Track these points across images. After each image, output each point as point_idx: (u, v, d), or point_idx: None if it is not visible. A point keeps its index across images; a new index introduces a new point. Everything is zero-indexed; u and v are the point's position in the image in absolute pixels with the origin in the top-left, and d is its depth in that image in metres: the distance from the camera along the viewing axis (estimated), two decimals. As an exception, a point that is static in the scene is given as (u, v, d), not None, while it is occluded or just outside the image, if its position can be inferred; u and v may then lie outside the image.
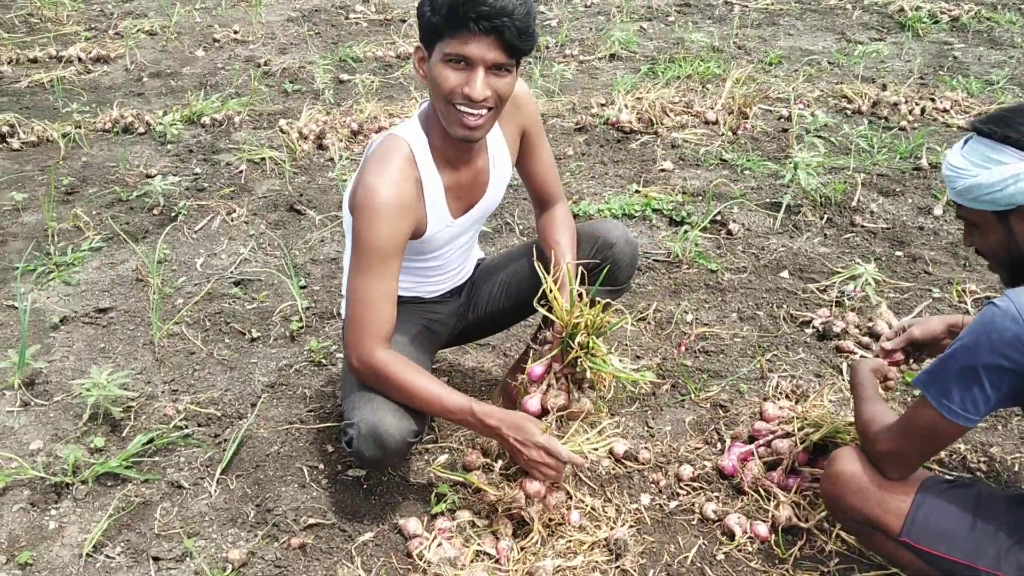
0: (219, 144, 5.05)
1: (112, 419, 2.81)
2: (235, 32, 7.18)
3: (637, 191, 4.41)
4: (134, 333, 3.31)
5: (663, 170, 4.69)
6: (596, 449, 2.28)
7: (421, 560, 2.27)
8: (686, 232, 3.93)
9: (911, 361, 2.48)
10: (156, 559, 2.32)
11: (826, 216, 4.19)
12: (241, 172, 4.63)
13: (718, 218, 4.12)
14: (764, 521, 2.43)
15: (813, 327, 3.34)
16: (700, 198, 4.35)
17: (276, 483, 2.57)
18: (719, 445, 2.75)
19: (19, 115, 5.29)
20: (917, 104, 5.56)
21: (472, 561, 2.27)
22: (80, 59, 6.49)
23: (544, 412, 2.30)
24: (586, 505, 2.47)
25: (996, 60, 6.63)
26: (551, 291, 2.24)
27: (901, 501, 2.00)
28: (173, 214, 4.19)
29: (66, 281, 3.63)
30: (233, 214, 4.20)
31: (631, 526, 2.43)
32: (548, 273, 2.30)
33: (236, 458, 2.67)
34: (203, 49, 6.84)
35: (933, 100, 5.64)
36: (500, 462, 2.57)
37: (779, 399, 2.90)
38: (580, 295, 2.28)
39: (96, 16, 7.72)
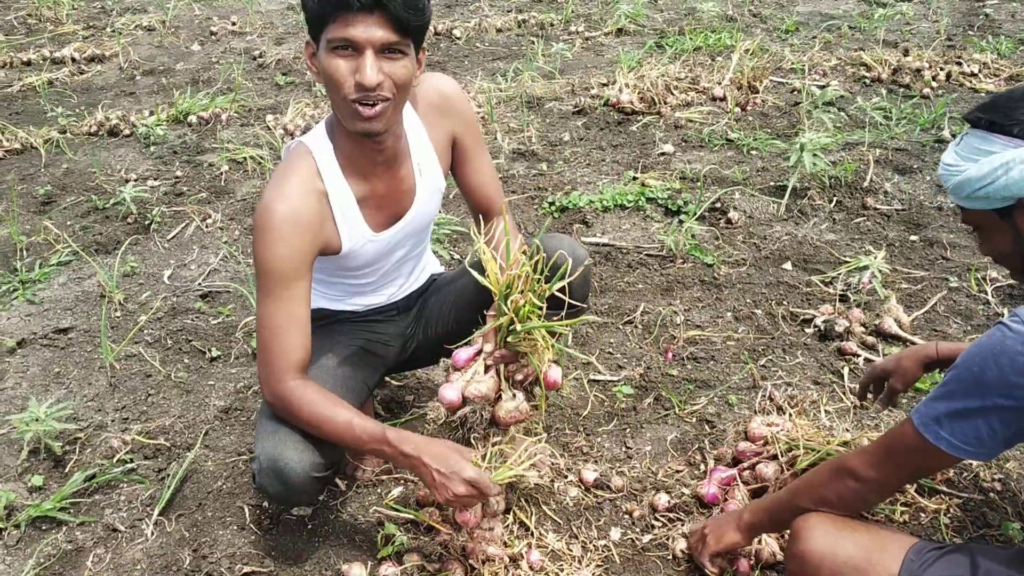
0: (204, 144, 4.87)
1: (54, 454, 2.64)
2: (233, 24, 7.00)
3: (634, 178, 4.14)
4: (91, 355, 3.14)
5: (663, 154, 4.40)
6: (530, 470, 1.98)
7: (360, 613, 2.07)
8: (681, 223, 3.66)
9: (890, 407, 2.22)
10: (78, 616, 2.15)
11: (835, 199, 3.88)
12: (222, 174, 4.44)
13: (717, 205, 3.84)
14: (746, 557, 2.18)
15: (814, 326, 3.06)
16: (700, 184, 4.07)
17: (215, 524, 2.38)
18: (702, 467, 2.51)
19: (7, 121, 5.17)
20: (942, 69, 5.19)
21: (416, 614, 2.06)
22: (74, 59, 6.36)
23: (463, 403, 1.99)
24: (548, 544, 2.24)
25: (1031, 16, 6.21)
26: (483, 251, 1.97)
27: (884, 586, 1.72)
28: (147, 222, 4.01)
29: (29, 300, 3.47)
30: (208, 220, 4.02)
31: (598, 565, 2.20)
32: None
33: (178, 495, 2.49)
34: (199, 43, 6.67)
35: (960, 64, 5.26)
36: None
37: (770, 413, 2.64)
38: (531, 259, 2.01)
39: (96, 14, 7.59)
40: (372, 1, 1.77)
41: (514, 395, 2.00)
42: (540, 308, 1.93)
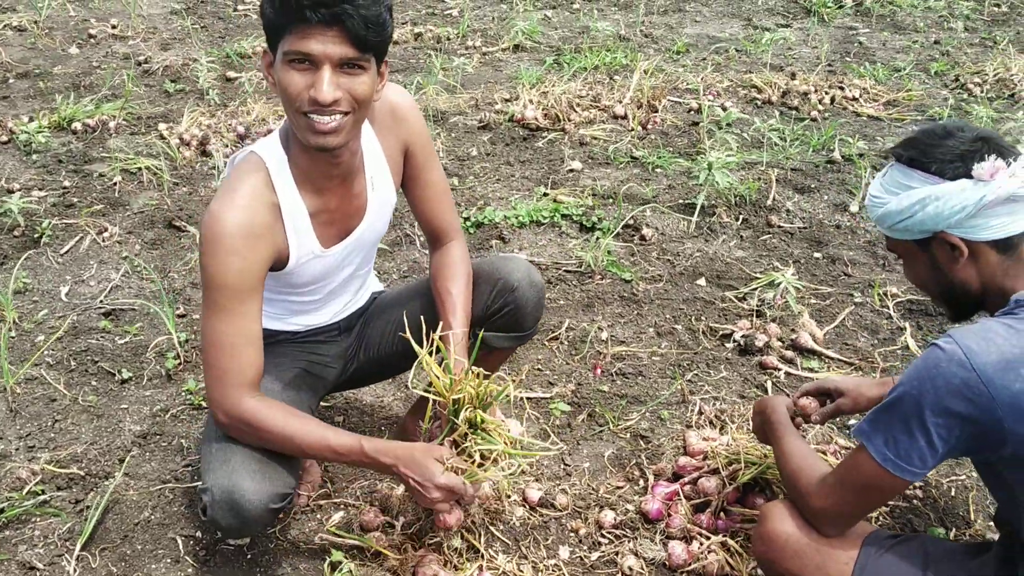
0: (92, 153, 4.62)
1: (-46, 488, 2.45)
2: (112, 27, 6.68)
3: (545, 194, 4.17)
4: (-14, 379, 2.93)
5: (572, 170, 4.45)
6: (506, 475, 1.98)
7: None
8: (598, 239, 3.70)
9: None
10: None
11: (741, 217, 4.01)
12: (115, 184, 4.23)
13: (630, 222, 3.91)
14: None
15: (734, 341, 3.15)
16: (611, 201, 4.14)
17: (146, 558, 2.25)
18: (642, 482, 2.54)
19: None
20: (827, 93, 5.45)
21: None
22: (-63, 59, 5.93)
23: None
24: (499, 566, 2.22)
25: (901, 45, 6.59)
26: (427, 365, 1.97)
27: (843, 564, 1.80)
28: (36, 235, 3.77)
29: (-92, 319, 3.21)
30: (104, 233, 3.81)
31: (549, 585, 2.20)
32: (430, 334, 2.02)
33: (100, 528, 2.34)
34: (77, 46, 6.33)
35: (842, 88, 5.53)
36: (402, 519, 2.32)
37: (703, 427, 2.70)
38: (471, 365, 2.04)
39: (-43, 11, 7.10)
40: (330, 16, 1.71)
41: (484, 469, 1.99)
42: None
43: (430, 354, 1.98)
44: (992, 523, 2.40)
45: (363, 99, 1.84)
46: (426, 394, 1.99)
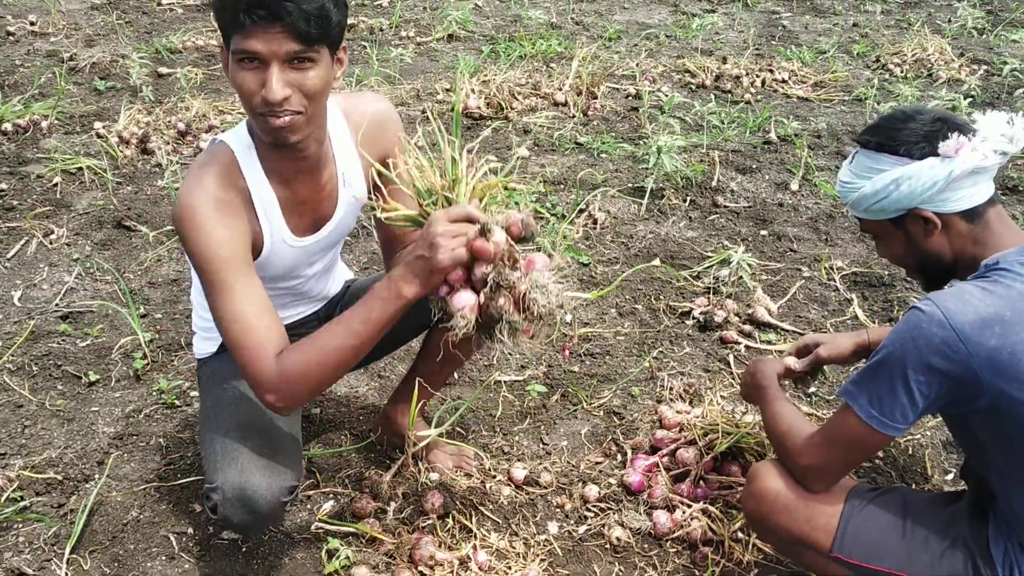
0: (26, 154, 4.50)
1: (-72, 499, 2.40)
2: (32, 23, 6.49)
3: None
4: (-55, 388, 2.86)
5: (520, 158, 4.51)
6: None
7: (319, 632, 2.02)
8: (554, 225, 3.78)
9: (814, 380, 2.42)
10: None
11: (689, 198, 4.13)
12: (56, 186, 4.13)
13: (583, 207, 3.99)
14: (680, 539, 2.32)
15: (694, 318, 3.26)
16: (562, 186, 4.21)
17: (140, 557, 2.24)
18: (619, 457, 2.62)
19: None
20: (758, 76, 5.62)
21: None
22: None
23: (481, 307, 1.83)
24: (492, 544, 2.28)
25: (822, 28, 6.82)
26: (410, 148, 1.85)
27: (830, 516, 1.92)
28: (-21, 240, 3.68)
29: None
30: (51, 235, 3.73)
31: (543, 560, 2.26)
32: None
33: (87, 530, 2.32)
34: (-4, 44, 6.14)
35: (772, 71, 5.71)
36: (394, 504, 2.36)
37: (674, 401, 2.79)
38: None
39: None
40: (268, 14, 1.68)
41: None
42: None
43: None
44: (948, 477, 2.57)
45: (314, 93, 1.81)
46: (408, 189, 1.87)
